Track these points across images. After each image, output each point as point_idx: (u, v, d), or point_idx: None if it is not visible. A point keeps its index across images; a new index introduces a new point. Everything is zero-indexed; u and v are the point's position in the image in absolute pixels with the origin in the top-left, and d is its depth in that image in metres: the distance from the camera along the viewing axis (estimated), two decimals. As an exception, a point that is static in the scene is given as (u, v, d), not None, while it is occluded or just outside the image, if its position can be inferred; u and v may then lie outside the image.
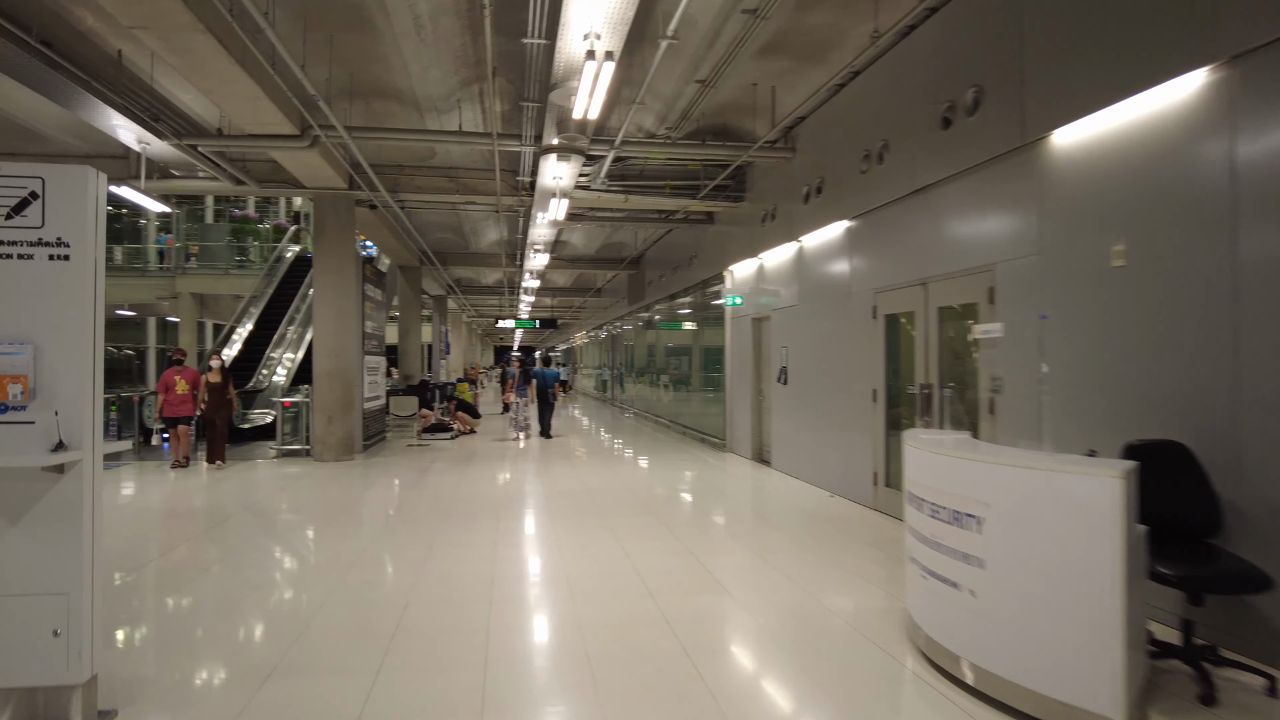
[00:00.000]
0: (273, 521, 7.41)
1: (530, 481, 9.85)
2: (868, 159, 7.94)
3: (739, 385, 12.25)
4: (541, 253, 15.40)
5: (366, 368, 12.87)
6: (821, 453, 9.16)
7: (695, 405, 15.54)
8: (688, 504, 8.37)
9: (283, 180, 11.22)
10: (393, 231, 15.14)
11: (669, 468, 11.17)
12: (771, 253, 10.75)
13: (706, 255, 13.96)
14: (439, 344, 25.97)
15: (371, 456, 12.18)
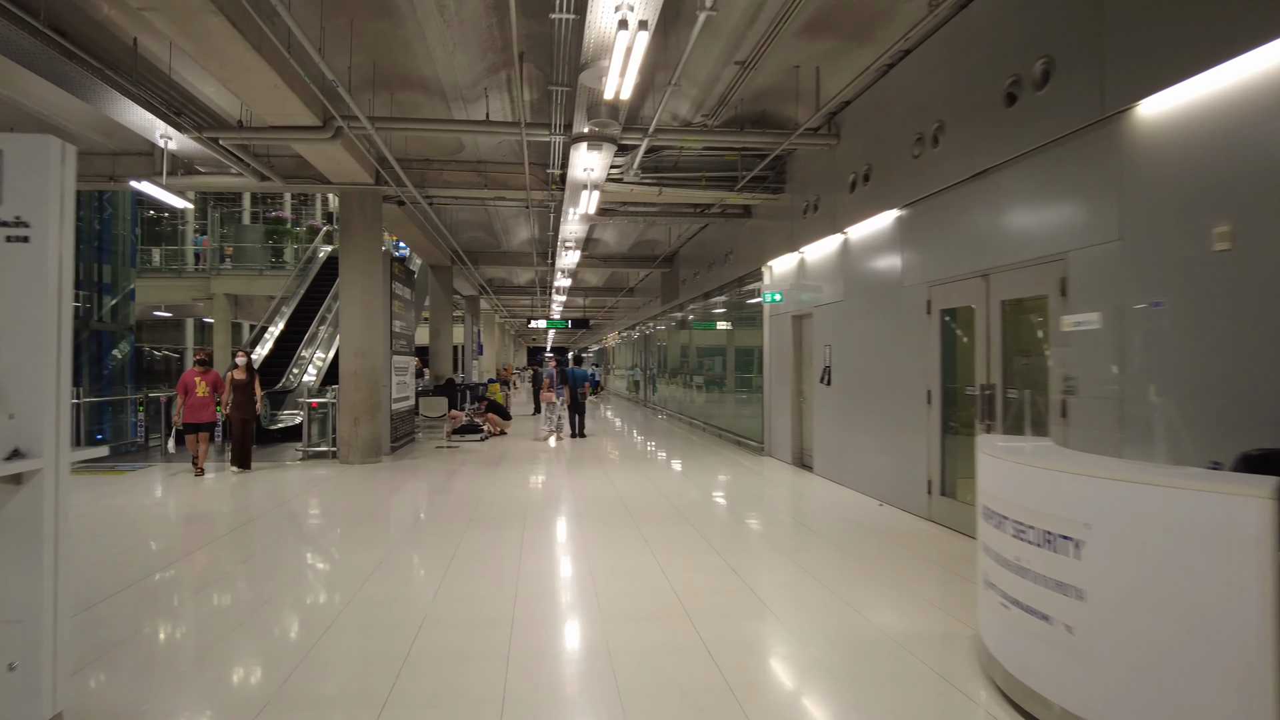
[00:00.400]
0: (287, 530, 7.08)
1: (560, 485, 9.44)
2: (920, 143, 7.38)
3: (778, 386, 11.72)
4: (573, 250, 15.02)
5: (395, 368, 12.59)
6: (869, 458, 8.60)
7: (731, 407, 15.03)
8: (726, 512, 7.87)
9: (308, 176, 10.97)
10: (422, 229, 14.87)
11: (704, 472, 10.68)
12: (813, 246, 10.21)
13: (743, 251, 13.44)
14: (470, 344, 25.77)
15: (399, 459, 11.89)
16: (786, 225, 11.13)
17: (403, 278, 13.41)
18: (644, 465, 11.29)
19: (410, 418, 13.98)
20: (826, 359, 9.74)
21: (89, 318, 13.03)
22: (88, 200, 13.02)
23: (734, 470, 10.79)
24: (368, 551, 6.06)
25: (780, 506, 8.32)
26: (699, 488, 9.35)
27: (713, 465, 11.30)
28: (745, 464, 11.40)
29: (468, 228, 17.71)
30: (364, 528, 7.02)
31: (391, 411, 12.34)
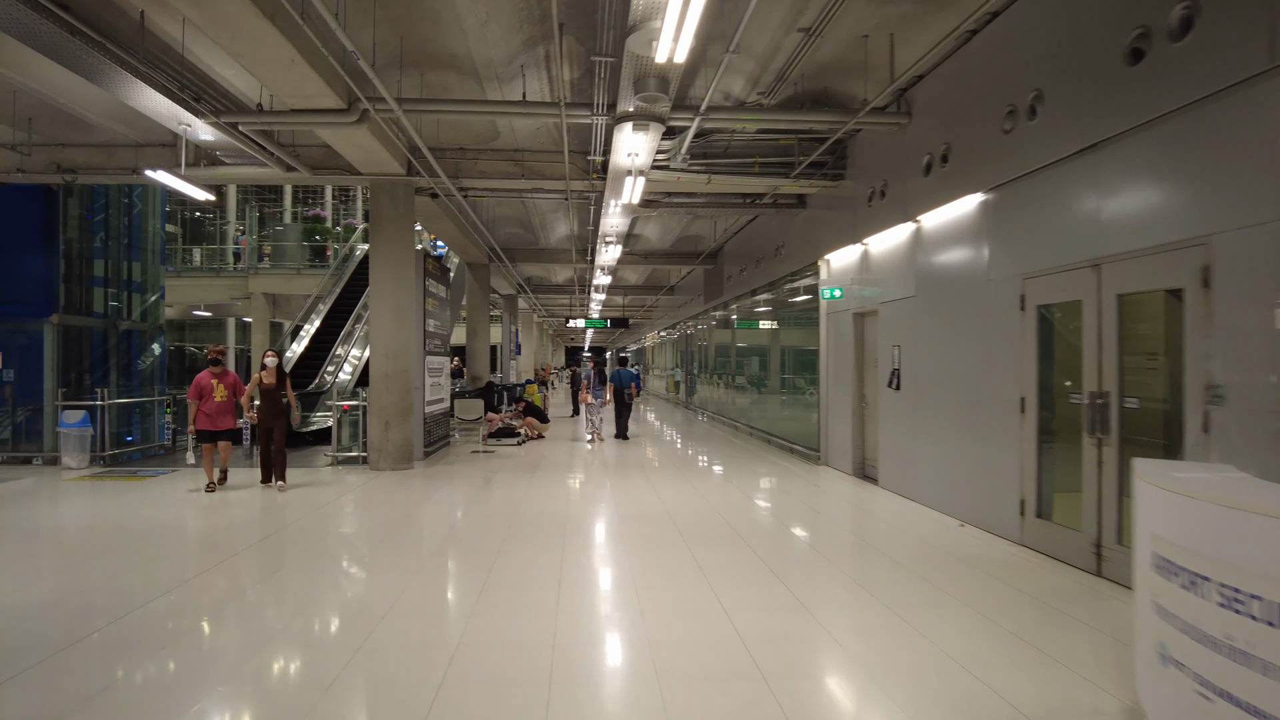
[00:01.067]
0: (299, 554, 6.43)
1: (602, 498, 8.70)
2: (1013, 115, 6.47)
3: (837, 390, 10.83)
4: (613, 245, 14.29)
5: (428, 369, 11.99)
6: (946, 472, 7.70)
7: (781, 411, 14.15)
8: (787, 532, 7.04)
9: (337, 167, 10.41)
10: (458, 225, 14.27)
11: (757, 482, 9.85)
12: (879, 237, 9.31)
13: (796, 244, 12.57)
14: (508, 344, 25.22)
15: (433, 464, 11.27)
16: (847, 215, 10.24)
17: (437, 274, 12.81)
18: (690, 474, 10.50)
19: (445, 421, 13.39)
20: (895, 361, 8.84)
21: (116, 317, 12.64)
22: (115, 196, 12.65)
23: (789, 481, 9.93)
24: (387, 580, 5.37)
25: (847, 526, 7.45)
26: (753, 501, 8.53)
27: (765, 475, 10.46)
28: (800, 474, 10.54)
29: (505, 224, 17.10)
30: (386, 549, 6.34)
31: (425, 415, 11.74)
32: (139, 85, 7.57)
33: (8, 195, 10.85)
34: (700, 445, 14.63)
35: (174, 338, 37.48)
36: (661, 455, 12.75)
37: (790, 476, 10.30)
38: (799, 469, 11.00)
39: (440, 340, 13.01)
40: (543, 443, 14.46)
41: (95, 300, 12.37)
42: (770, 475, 10.44)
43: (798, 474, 10.52)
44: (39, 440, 11.33)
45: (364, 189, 21.25)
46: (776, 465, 11.41)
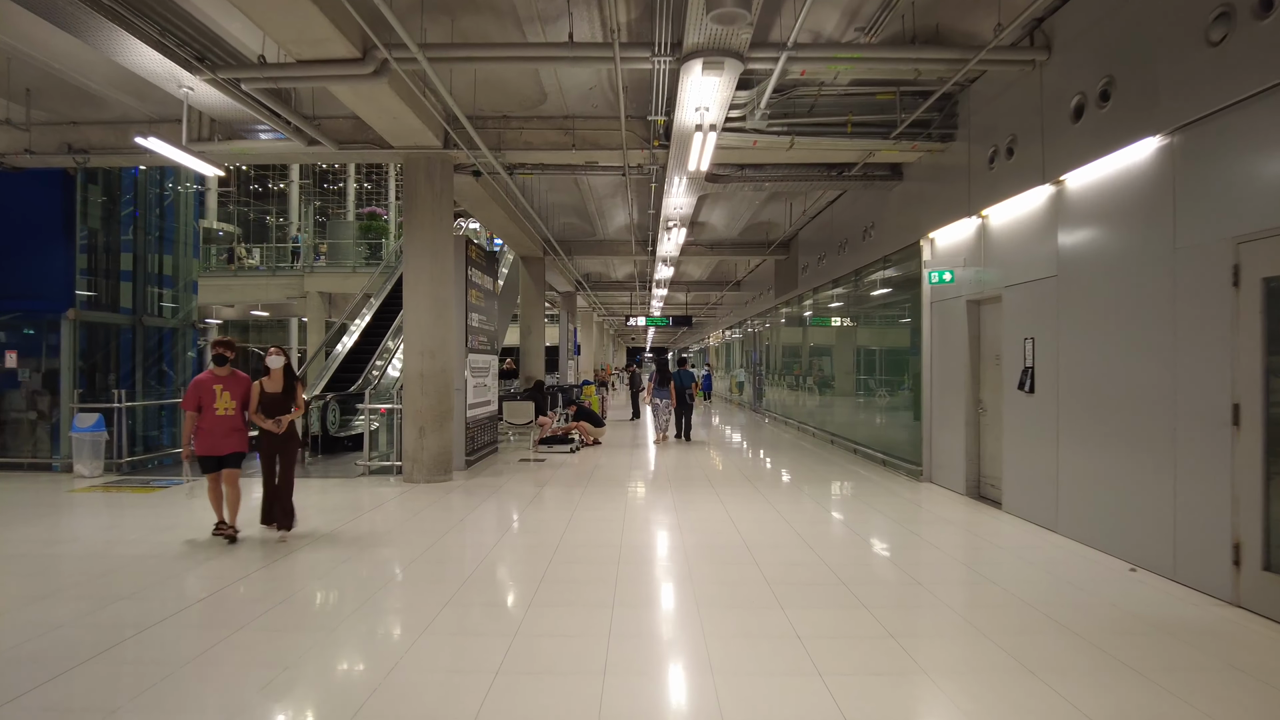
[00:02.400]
0: (269, 606, 5.18)
1: (664, 521, 7.25)
2: (1225, 19, 4.76)
3: (944, 393, 9.13)
4: (676, 230, 12.82)
5: (472, 368, 10.76)
6: (1105, 498, 5.98)
7: (870, 416, 12.43)
8: (909, 580, 5.42)
9: (366, 140, 9.24)
10: (507, 211, 13.03)
11: (852, 506, 8.24)
12: (1003, 207, 7.61)
13: (890, 224, 10.87)
14: (566, 343, 24.04)
15: (475, 475, 10.02)
16: (958, 184, 8.54)
17: (482, 264, 11.57)
18: (766, 489, 8.95)
19: (492, 425, 12.16)
20: (1027, 357, 7.14)
21: (143, 313, 11.79)
22: (144, 184, 11.82)
23: (888, 502, 8.29)
24: (377, 653, 4.02)
25: (983, 569, 5.78)
26: (853, 533, 6.94)
27: (858, 494, 8.83)
28: (899, 492, 8.88)
29: (560, 212, 15.82)
30: (386, 603, 5.00)
31: (468, 419, 10.50)
32: (125, 38, 6.49)
33: (20, 181, 10.03)
34: (773, 453, 13.03)
35: (238, 339, 37.79)
36: (730, 465, 11.22)
37: (888, 496, 8.65)
38: (896, 485, 9.32)
39: (487, 337, 11.78)
40: (598, 449, 13.10)
41: (121, 295, 11.54)
42: (863, 494, 8.80)
43: (896, 492, 8.86)
44: (59, 444, 10.53)
45: (398, 167, 20.40)
46: (868, 481, 9.75)
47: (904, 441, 10.44)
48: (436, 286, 9.45)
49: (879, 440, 11.54)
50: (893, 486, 9.26)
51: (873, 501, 8.30)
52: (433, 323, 9.40)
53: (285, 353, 6.76)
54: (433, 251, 9.44)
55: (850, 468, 10.95)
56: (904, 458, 10.25)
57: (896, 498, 8.54)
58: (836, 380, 14.48)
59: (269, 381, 6.48)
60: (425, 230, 9.43)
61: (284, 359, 6.62)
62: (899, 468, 10.30)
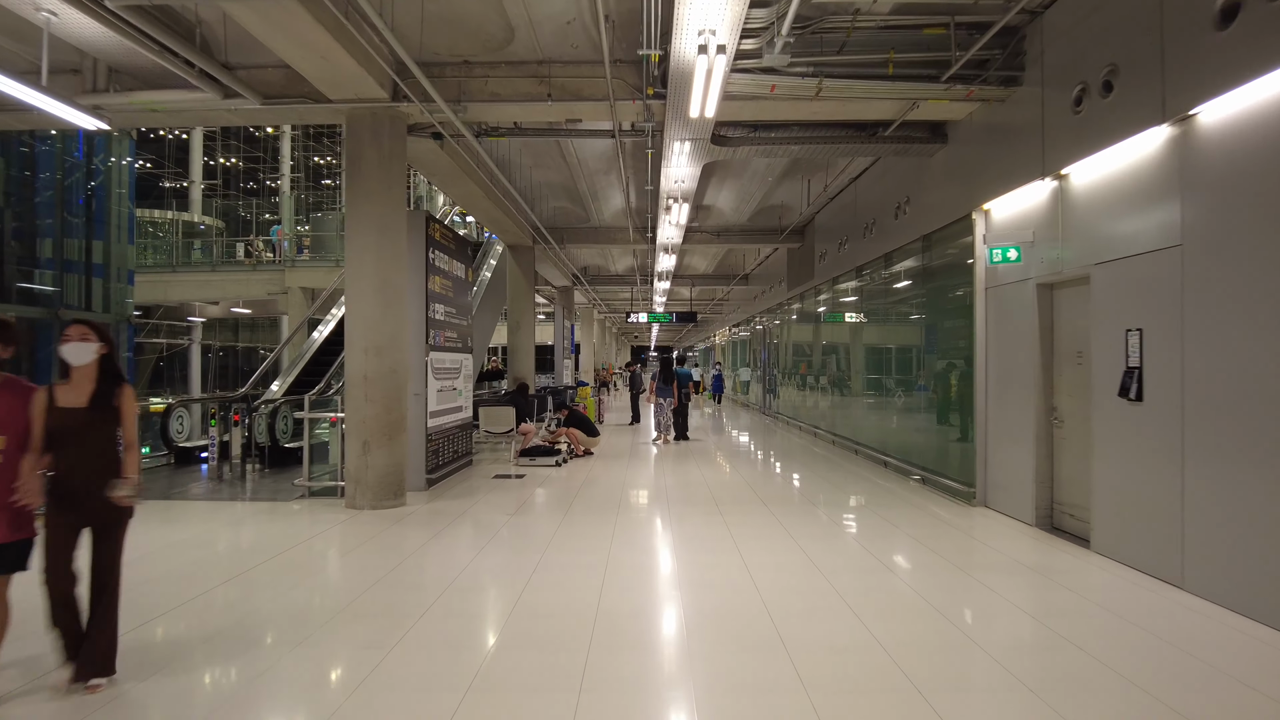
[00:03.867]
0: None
1: (658, 568, 5.59)
2: None
3: (1004, 398, 7.44)
4: (678, 207, 11.13)
5: (435, 370, 9.12)
6: (1269, 547, 4.30)
7: (906, 424, 10.72)
8: (1011, 683, 3.74)
9: (300, 95, 7.61)
10: (485, 191, 11.39)
11: (897, 543, 6.54)
12: (1095, 161, 5.93)
13: (931, 197, 9.17)
14: (562, 341, 22.38)
15: (437, 497, 8.38)
16: (1025, 138, 6.85)
17: (451, 248, 9.92)
18: (789, 519, 7.27)
19: (464, 435, 10.51)
20: (1131, 355, 5.46)
21: (60, 305, 10.18)
22: (60, 158, 10.20)
23: (940, 536, 6.61)
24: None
25: (1106, 651, 4.06)
26: (906, 585, 5.26)
27: (899, 523, 7.14)
28: (950, 520, 7.20)
29: (548, 193, 14.17)
30: (278, 699, 3.37)
31: (429, 430, 8.86)
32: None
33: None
34: (789, 465, 11.35)
35: (227, 338, 36.20)
36: (740, 481, 9.55)
37: (937, 526, 6.97)
38: (943, 510, 7.64)
39: (457, 333, 10.13)
40: (589, 461, 11.43)
41: (34, 284, 9.94)
42: (905, 522, 7.11)
43: (946, 520, 7.18)
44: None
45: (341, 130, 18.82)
46: (907, 503, 8.07)
47: (948, 456, 8.76)
48: (385, 269, 7.81)
49: (915, 453, 9.84)
50: (939, 512, 7.57)
51: (921, 535, 6.60)
52: (380, 313, 7.75)
53: (101, 332, 3.60)
54: (381, 227, 7.79)
55: (883, 485, 9.26)
56: (949, 475, 8.56)
57: (948, 528, 6.85)
58: (862, 381, 12.78)
59: (67, 390, 3.47)
60: (372, 201, 7.79)
61: (96, 344, 3.52)
62: (942, 487, 8.61)
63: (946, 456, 8.82)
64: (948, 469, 8.67)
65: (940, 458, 9.00)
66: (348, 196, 7.90)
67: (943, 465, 8.85)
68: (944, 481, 8.60)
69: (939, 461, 9.00)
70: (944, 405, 9.04)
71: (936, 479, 8.81)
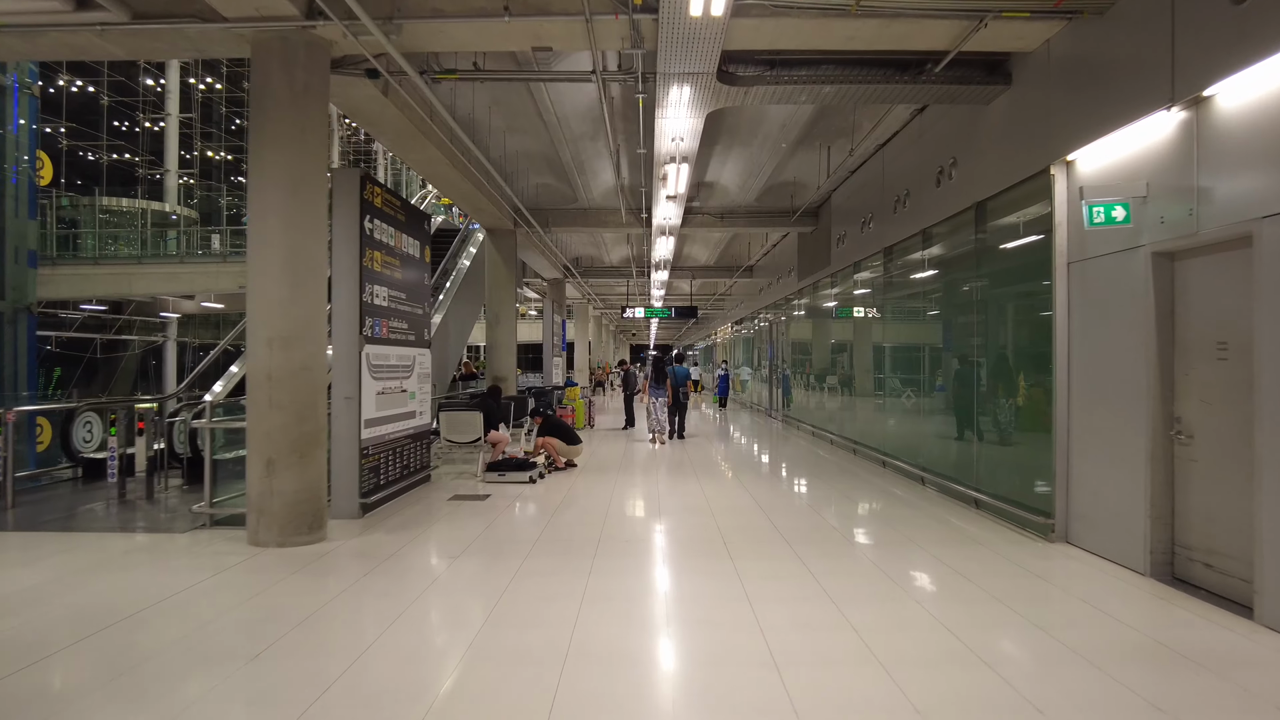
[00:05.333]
0: None
1: (645, 666, 3.88)
2: None
3: (1096, 403, 5.72)
4: (675, 170, 9.36)
5: (375, 367, 7.41)
6: None
7: (943, 431, 8.97)
8: None
9: (186, 13, 5.89)
10: (450, 158, 9.66)
11: (973, 607, 4.79)
12: (1263, 70, 4.20)
13: (990, 153, 7.43)
14: (552, 338, 20.64)
15: (372, 527, 6.67)
16: (1142, 59, 5.12)
17: (399, 219, 8.19)
18: (823, 569, 5.54)
19: (420, 447, 8.77)
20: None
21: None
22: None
23: (1030, 595, 4.89)
24: None
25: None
26: (1002, 679, 3.54)
27: (969, 572, 5.39)
28: (1030, 564, 5.48)
29: (529, 166, 12.44)
30: None
31: (366, 443, 7.14)
32: None
33: None
34: (811, 483, 9.60)
35: (210, 335, 34.46)
36: (753, 507, 7.81)
37: (1020, 577, 5.24)
38: (1016, 548, 5.92)
39: (409, 323, 8.41)
40: (571, 475, 9.70)
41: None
42: (977, 571, 5.38)
43: (1026, 566, 5.46)
44: None
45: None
46: (966, 538, 6.34)
47: (1013, 476, 7.03)
48: (297, 237, 6.07)
49: (962, 469, 8.09)
50: (1012, 552, 5.84)
51: (1004, 592, 4.86)
52: (288, 294, 6.02)
53: None
54: (292, 183, 6.06)
55: (927, 509, 7.53)
56: (1015, 500, 6.82)
57: (1036, 582, 5.12)
58: (893, 381, 11.04)
59: None
60: (280, 148, 6.05)
61: None
62: (1006, 515, 6.87)
63: (1010, 476, 7.09)
64: (1013, 492, 6.93)
65: (1001, 477, 7.26)
66: (250, 144, 6.16)
67: (1005, 487, 7.11)
68: (1008, 508, 6.86)
69: (999, 481, 7.26)
70: (1005, 414, 7.30)
71: (997, 504, 7.07)
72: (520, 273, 22.21)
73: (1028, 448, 6.83)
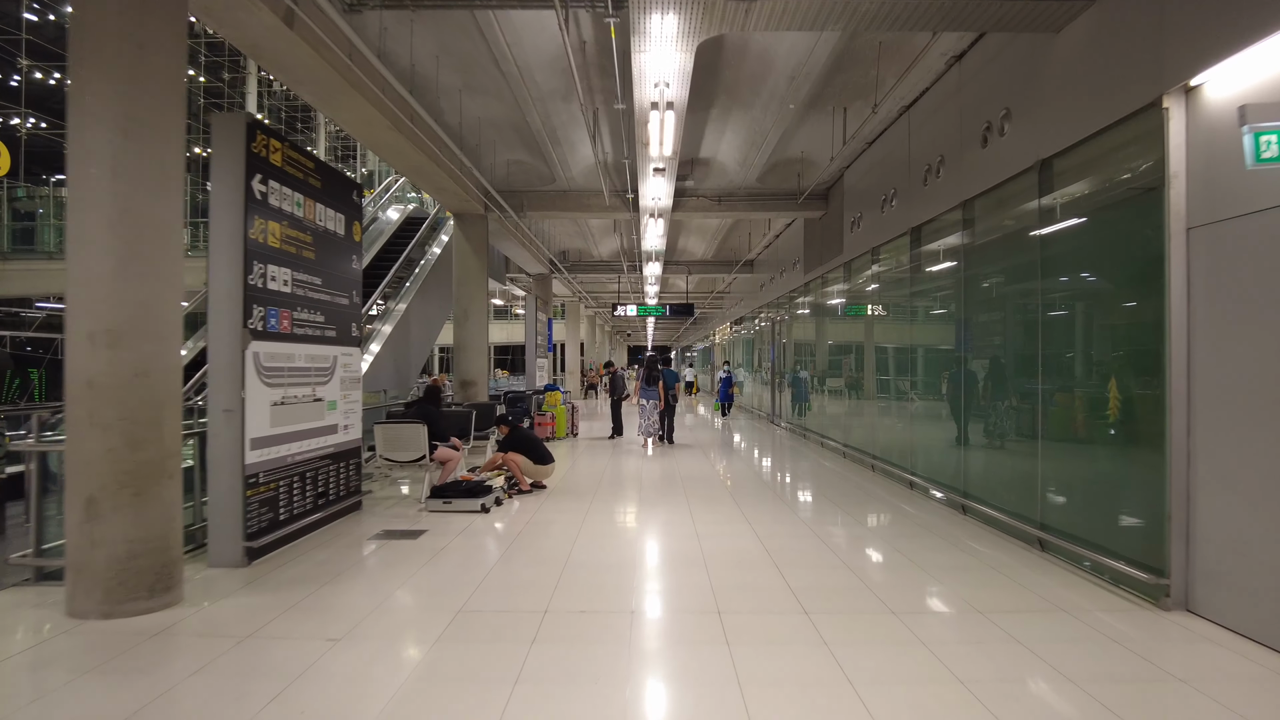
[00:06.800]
0: None
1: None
2: None
3: (1235, 420, 4.07)
4: (659, 121, 7.69)
5: (268, 370, 5.77)
6: None
7: (1009, 457, 7.31)
8: None
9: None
10: (389, 117, 8.05)
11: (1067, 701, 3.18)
12: None
13: (1055, 98, 5.78)
14: (535, 338, 19.01)
15: (254, 585, 5.04)
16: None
17: (314, 183, 6.55)
18: (853, 645, 3.93)
19: (344, 469, 7.12)
20: None
21: None
22: None
23: (1153, 700, 3.27)
24: None
25: None
26: None
27: (1056, 660, 3.75)
28: (1140, 647, 3.85)
29: (494, 136, 10.80)
30: None
31: (255, 468, 5.50)
32: None
33: None
34: (823, 508, 7.94)
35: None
36: (757, 553, 6.17)
37: (1124, 664, 3.61)
38: (1120, 620, 4.28)
39: (327, 315, 6.76)
40: (538, 500, 8.05)
41: None
42: (1058, 655, 3.74)
43: (1133, 647, 3.83)
44: None
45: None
46: (1032, 595, 4.71)
47: (1100, 511, 5.37)
48: (130, 192, 4.43)
49: (1024, 499, 6.43)
50: (1109, 624, 4.20)
51: (1117, 699, 3.23)
52: (115, 269, 4.38)
53: None
54: (126, 119, 4.41)
55: (979, 552, 5.88)
56: (1101, 545, 5.17)
57: (1165, 682, 3.48)
58: (925, 384, 9.39)
59: None
60: (110, 75, 4.41)
61: None
62: (1097, 566, 5.23)
63: (1094, 513, 5.44)
64: (1098, 534, 5.28)
65: (1079, 513, 5.61)
66: (69, 63, 4.51)
67: (1086, 526, 5.46)
68: (1088, 553, 5.21)
69: (1076, 518, 5.61)
70: (1078, 429, 5.66)
71: (1071, 548, 5.42)
72: (504, 267, 20.59)
73: (1120, 475, 5.19)
